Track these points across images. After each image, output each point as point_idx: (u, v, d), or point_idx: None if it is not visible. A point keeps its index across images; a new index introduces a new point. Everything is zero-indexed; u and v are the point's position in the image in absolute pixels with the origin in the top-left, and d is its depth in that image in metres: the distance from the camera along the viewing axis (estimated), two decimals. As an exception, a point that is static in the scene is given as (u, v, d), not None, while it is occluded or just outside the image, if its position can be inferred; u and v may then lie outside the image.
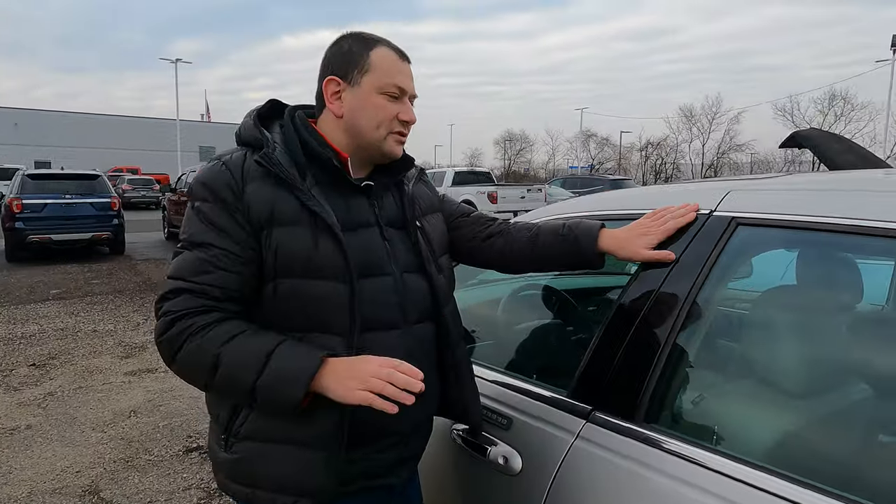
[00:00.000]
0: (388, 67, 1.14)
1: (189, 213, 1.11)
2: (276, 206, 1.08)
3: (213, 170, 1.11)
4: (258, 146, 1.12)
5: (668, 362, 1.10)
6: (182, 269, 1.07)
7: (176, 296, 1.06)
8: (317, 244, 1.07)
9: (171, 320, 1.05)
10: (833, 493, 0.85)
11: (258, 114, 1.18)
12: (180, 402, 4.07)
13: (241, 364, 1.02)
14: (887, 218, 0.93)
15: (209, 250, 1.07)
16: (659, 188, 1.55)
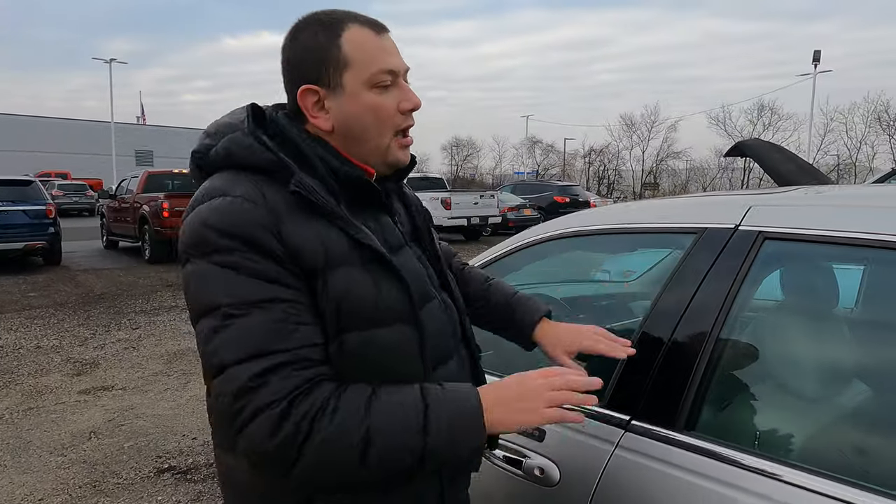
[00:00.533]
0: (368, 52, 0.92)
1: (208, 270, 0.83)
2: (328, 246, 0.87)
3: (230, 209, 0.84)
4: (270, 170, 0.89)
5: (707, 370, 1.15)
6: (250, 342, 0.80)
7: (264, 380, 0.79)
8: (377, 285, 0.90)
9: (280, 414, 0.78)
10: (874, 490, 0.92)
11: (255, 127, 0.93)
12: (144, 421, 3.89)
13: (399, 431, 0.81)
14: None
15: (274, 306, 0.82)
16: (670, 201, 1.61)
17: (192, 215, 0.88)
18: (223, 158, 0.92)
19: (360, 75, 0.92)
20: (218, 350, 0.81)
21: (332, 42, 0.91)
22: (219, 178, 0.91)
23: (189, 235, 0.86)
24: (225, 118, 0.99)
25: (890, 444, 1.05)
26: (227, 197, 0.86)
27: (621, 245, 1.73)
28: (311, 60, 0.92)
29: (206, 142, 0.96)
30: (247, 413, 0.79)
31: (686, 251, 1.29)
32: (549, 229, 1.68)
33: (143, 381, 4.68)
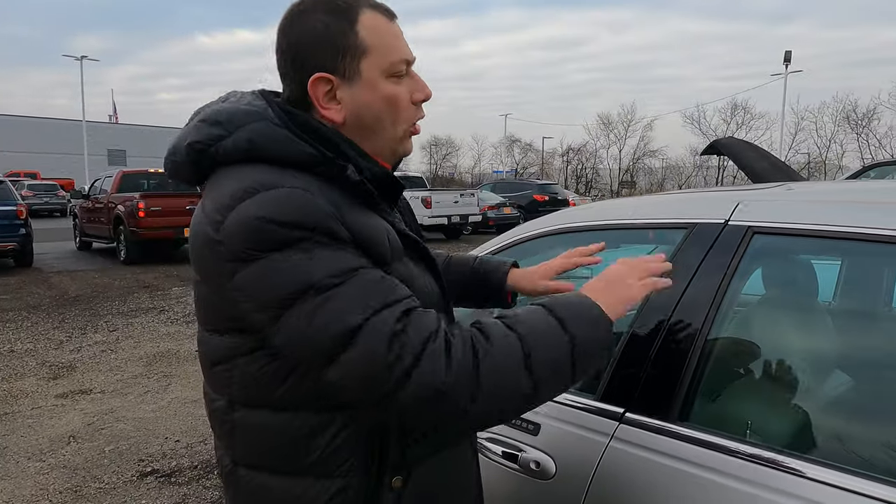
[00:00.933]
0: (385, 39, 0.88)
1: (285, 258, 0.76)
2: (390, 237, 0.85)
3: (292, 200, 0.78)
4: (308, 165, 0.83)
5: (699, 362, 1.17)
6: (371, 296, 0.76)
7: (408, 320, 0.76)
8: (423, 276, 0.91)
9: (444, 346, 0.75)
10: (859, 473, 0.95)
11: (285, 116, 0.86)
12: (125, 424, 3.82)
13: (544, 331, 0.81)
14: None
15: (368, 270, 0.79)
16: (658, 198, 1.64)
17: (236, 214, 0.78)
18: (245, 150, 0.83)
19: (378, 64, 0.87)
20: (336, 319, 0.74)
21: (347, 27, 0.85)
22: (251, 171, 0.82)
23: (247, 234, 0.77)
24: (228, 104, 0.89)
25: (874, 430, 1.08)
26: (278, 189, 0.78)
27: (611, 241, 1.75)
28: (323, 46, 0.85)
29: (213, 131, 0.85)
30: (408, 357, 0.74)
31: (677, 246, 1.32)
32: (539, 226, 1.69)
33: (123, 384, 4.60)
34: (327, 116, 0.88)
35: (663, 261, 0.99)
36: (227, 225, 0.78)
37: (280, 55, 0.89)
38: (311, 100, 0.88)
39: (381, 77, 0.88)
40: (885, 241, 1.07)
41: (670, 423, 1.16)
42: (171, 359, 5.24)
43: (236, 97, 0.92)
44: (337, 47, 0.85)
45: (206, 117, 0.87)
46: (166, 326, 6.40)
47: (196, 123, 0.88)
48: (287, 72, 0.89)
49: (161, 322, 6.60)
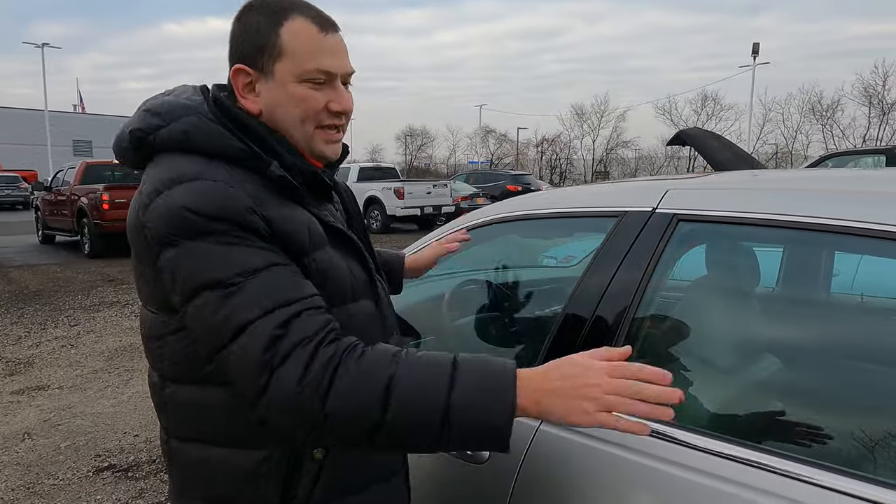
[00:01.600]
0: (306, 47, 0.92)
1: (200, 248, 0.82)
2: (311, 228, 0.91)
3: (215, 194, 0.83)
4: (236, 159, 0.89)
5: (626, 345, 1.20)
6: (267, 297, 0.80)
7: (290, 325, 0.79)
8: (348, 265, 0.96)
9: (310, 353, 0.78)
10: (765, 450, 0.99)
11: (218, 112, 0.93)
12: (82, 420, 3.76)
13: (423, 380, 0.78)
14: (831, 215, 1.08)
15: (278, 269, 0.84)
16: (597, 187, 1.66)
17: (163, 199, 0.84)
18: (179, 141, 0.90)
19: (291, 68, 0.92)
20: (234, 312, 0.80)
21: (272, 29, 0.92)
22: (183, 161, 0.88)
23: (169, 220, 0.83)
24: (170, 97, 0.96)
25: (795, 411, 1.13)
26: (204, 181, 0.85)
27: (551, 229, 1.78)
28: (250, 42, 0.93)
29: (153, 121, 0.92)
30: (278, 357, 0.78)
31: (608, 233, 1.34)
32: (482, 215, 1.71)
33: (82, 380, 4.52)
34: (245, 106, 0.96)
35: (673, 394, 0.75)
36: (151, 209, 0.85)
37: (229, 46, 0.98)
38: (233, 88, 0.96)
39: (292, 80, 0.93)
40: (806, 228, 1.10)
41: (597, 406, 1.19)
42: (134, 353, 5.15)
43: (180, 91, 0.99)
44: (259, 45, 0.93)
45: (150, 107, 0.95)
46: (130, 321, 6.29)
47: (141, 112, 0.95)
48: (228, 61, 0.97)
49: (125, 316, 6.49)
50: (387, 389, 0.77)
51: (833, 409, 1.12)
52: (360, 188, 14.79)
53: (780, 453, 0.97)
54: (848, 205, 1.08)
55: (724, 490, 0.98)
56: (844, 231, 1.04)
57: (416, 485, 1.48)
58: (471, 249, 1.81)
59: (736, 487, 0.96)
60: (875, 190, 1.23)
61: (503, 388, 0.77)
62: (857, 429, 1.02)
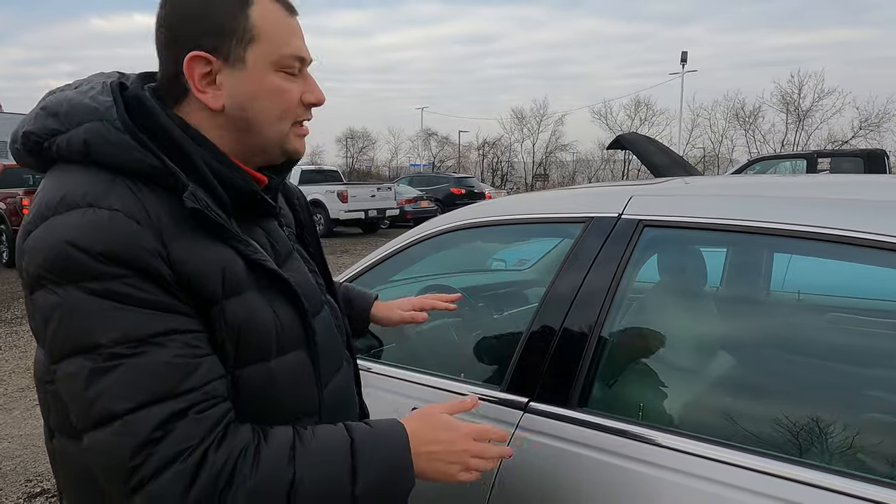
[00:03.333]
0: (279, 30, 0.81)
1: (83, 301, 0.68)
2: (226, 270, 0.76)
3: (110, 228, 0.69)
4: (148, 175, 0.75)
5: (597, 350, 1.23)
6: (147, 384, 0.68)
7: (170, 427, 0.68)
8: (275, 311, 0.81)
9: (195, 466, 0.68)
10: (726, 444, 1.04)
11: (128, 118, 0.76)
12: (9, 443, 3.50)
13: (327, 477, 0.75)
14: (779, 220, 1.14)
15: (171, 340, 0.70)
16: (563, 192, 1.69)
17: (44, 229, 0.71)
18: (79, 152, 0.75)
19: (267, 54, 0.80)
20: (103, 396, 0.67)
21: (238, 9, 0.78)
22: (79, 177, 0.74)
23: (48, 256, 0.70)
24: (73, 93, 0.79)
25: (752, 406, 1.18)
26: (98, 209, 0.70)
27: (515, 235, 1.80)
28: (207, 24, 0.77)
29: (49, 124, 0.77)
30: (149, 468, 0.67)
31: (576, 239, 1.37)
32: (446, 221, 1.71)
33: (7, 399, 4.20)
34: (203, 100, 0.80)
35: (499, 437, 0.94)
36: (31, 238, 0.72)
37: (157, 27, 0.80)
38: (187, 80, 0.79)
39: (268, 68, 0.81)
40: (763, 233, 1.16)
41: (570, 409, 1.21)
42: (64, 368, 4.84)
43: (90, 84, 0.81)
44: (222, 27, 0.78)
45: (47, 105, 0.79)
46: (58, 333, 5.90)
47: (37, 110, 0.79)
48: (162, 47, 0.80)
49: (51, 329, 6.08)
50: (287, 494, 0.72)
51: (773, 396, 1.18)
52: (303, 191, 14.46)
53: (754, 451, 1.01)
54: (825, 210, 1.14)
55: (695, 487, 1.01)
56: (806, 236, 1.10)
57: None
58: (435, 256, 1.80)
59: (712, 485, 1.00)
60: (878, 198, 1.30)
61: (402, 465, 0.80)
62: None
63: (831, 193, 1.31)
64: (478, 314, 1.83)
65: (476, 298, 1.91)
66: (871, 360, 1.25)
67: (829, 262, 1.26)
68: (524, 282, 2.27)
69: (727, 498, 0.98)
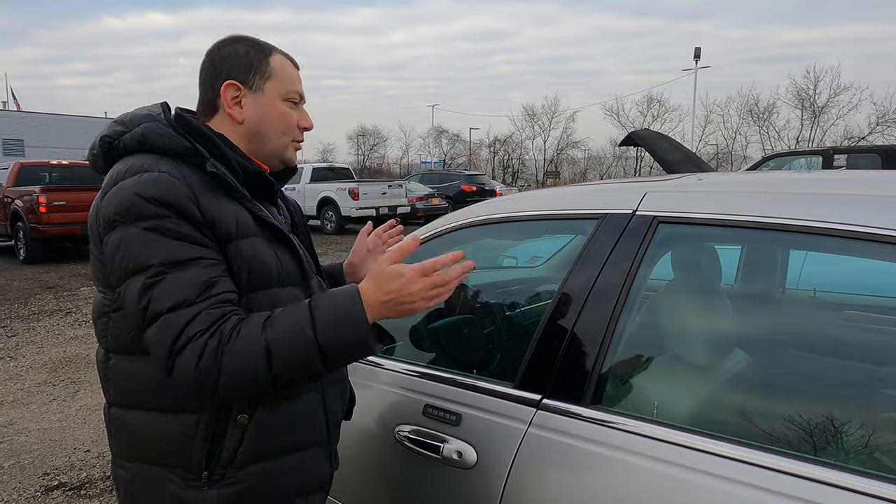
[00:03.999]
0: (287, 74, 1.17)
1: (140, 234, 0.98)
2: (238, 218, 1.06)
3: (159, 182, 1.01)
4: (184, 155, 1.07)
5: (610, 347, 1.22)
6: (180, 292, 0.97)
7: (193, 320, 0.96)
8: (277, 255, 1.10)
9: (203, 342, 0.95)
10: (741, 442, 1.03)
11: (174, 120, 1.12)
12: (27, 437, 3.55)
13: (292, 334, 0.98)
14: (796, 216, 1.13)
15: (199, 263, 1.00)
16: (576, 189, 1.68)
17: (116, 188, 1.01)
18: (137, 143, 1.06)
19: (279, 88, 1.15)
20: (151, 302, 0.96)
21: (262, 57, 1.15)
22: (138, 158, 1.05)
23: (117, 204, 0.99)
24: (138, 110, 1.13)
25: (770, 404, 1.17)
26: (152, 172, 1.01)
27: (528, 232, 1.79)
28: (240, 65, 1.13)
29: (117, 128, 1.09)
30: (178, 345, 0.95)
31: (589, 236, 1.36)
32: (457, 218, 1.70)
33: (24, 394, 4.26)
34: (231, 114, 1.14)
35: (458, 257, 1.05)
36: (107, 196, 1.02)
37: (204, 69, 1.16)
38: (221, 100, 1.14)
39: (278, 98, 1.16)
40: (779, 230, 1.15)
41: (583, 407, 1.20)
42: (80, 363, 4.90)
43: (147, 107, 1.16)
44: (251, 66, 1.14)
45: (118, 119, 1.13)
46: (73, 329, 5.98)
47: (111, 123, 1.13)
48: (206, 79, 1.15)
49: (67, 325, 6.16)
50: (267, 352, 0.97)
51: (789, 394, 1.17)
52: (315, 189, 14.54)
53: (769, 449, 1.00)
54: (837, 208, 1.13)
55: (713, 486, 1.01)
56: (823, 233, 1.09)
57: (401, 490, 1.47)
58: (450, 251, 1.80)
59: (726, 483, 0.99)
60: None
61: (355, 313, 1.00)
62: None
63: (847, 189, 1.30)
64: (490, 311, 1.82)
65: (489, 295, 1.90)
66: (890, 359, 1.23)
67: (847, 259, 1.25)
68: (537, 279, 2.26)
69: (742, 496, 0.97)
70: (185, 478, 1.05)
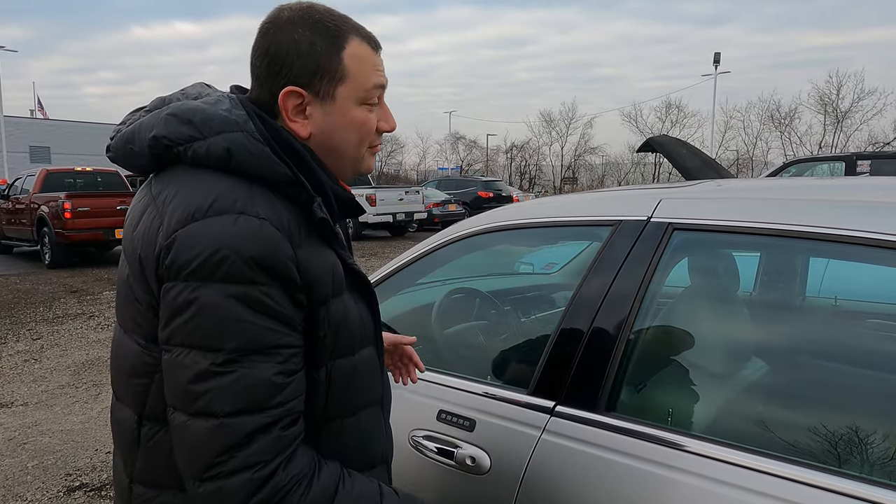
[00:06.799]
0: (366, 69, 0.90)
1: (222, 304, 0.75)
2: (335, 273, 0.86)
3: (262, 237, 0.77)
4: (281, 186, 0.83)
5: (625, 354, 1.22)
6: (248, 396, 0.76)
7: (254, 438, 0.76)
8: (359, 311, 0.91)
9: (265, 477, 0.76)
10: (758, 451, 1.02)
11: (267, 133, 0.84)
12: (50, 438, 3.62)
13: None
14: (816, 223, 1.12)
15: (280, 354, 0.79)
16: (590, 195, 1.68)
17: (198, 226, 0.77)
18: (221, 158, 0.82)
19: (355, 91, 0.90)
20: (210, 394, 0.76)
21: (333, 52, 0.87)
22: (220, 184, 0.81)
23: (203, 254, 0.76)
24: (201, 104, 0.86)
25: (786, 413, 1.16)
26: (248, 217, 0.78)
27: (543, 238, 1.79)
28: (304, 63, 0.86)
29: (184, 130, 0.83)
30: (228, 468, 0.76)
31: (604, 242, 1.36)
32: (473, 224, 1.71)
33: (48, 395, 4.35)
34: (293, 129, 0.89)
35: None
36: (182, 236, 0.77)
37: (257, 57, 0.89)
38: (280, 109, 0.88)
39: (354, 104, 0.90)
40: (799, 237, 1.14)
41: (598, 414, 1.20)
42: (102, 366, 4.99)
43: (208, 95, 0.89)
44: (318, 67, 0.87)
45: (178, 112, 0.85)
46: (96, 333, 6.09)
47: (166, 116, 0.85)
48: (260, 75, 0.89)
49: (90, 328, 6.28)
50: None
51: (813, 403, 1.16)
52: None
53: (786, 459, 0.99)
54: (858, 215, 1.11)
55: (728, 496, 0.99)
56: (845, 240, 1.07)
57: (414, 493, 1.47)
58: (462, 259, 1.81)
59: (742, 493, 0.98)
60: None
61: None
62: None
63: (868, 196, 1.28)
64: (505, 317, 1.83)
65: (504, 301, 1.90)
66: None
67: (870, 267, 1.23)
68: (552, 285, 2.25)
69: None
70: None
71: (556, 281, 2.28)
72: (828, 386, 1.22)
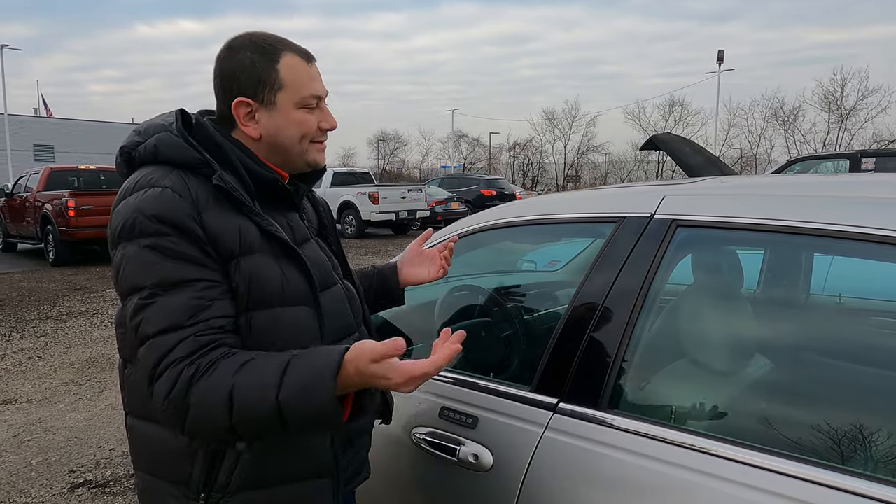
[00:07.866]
0: (300, 79, 1.09)
1: (139, 253, 0.95)
2: (242, 235, 1.02)
3: (161, 198, 0.98)
4: (194, 167, 1.03)
5: (627, 351, 1.21)
6: (168, 318, 0.93)
7: (175, 346, 0.93)
8: (283, 271, 1.05)
9: (178, 371, 0.92)
10: (762, 449, 1.01)
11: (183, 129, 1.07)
12: (54, 435, 3.63)
13: (257, 386, 0.91)
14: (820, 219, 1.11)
15: (194, 286, 0.96)
16: (593, 192, 1.68)
17: (122, 204, 1.00)
18: (151, 154, 1.05)
19: (291, 97, 1.08)
20: (143, 324, 0.95)
21: (269, 66, 1.07)
22: (147, 170, 1.04)
23: (121, 222, 0.98)
24: (156, 119, 1.11)
25: (790, 411, 1.15)
26: (156, 188, 0.99)
27: (546, 235, 1.79)
28: (248, 78, 1.07)
29: (134, 139, 1.08)
30: (159, 370, 0.93)
31: (607, 239, 1.35)
32: (476, 221, 1.71)
33: (52, 392, 4.36)
34: (247, 132, 1.10)
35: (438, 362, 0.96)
36: (115, 212, 1.01)
37: (214, 78, 1.10)
38: (235, 117, 1.09)
39: (292, 107, 1.09)
40: (803, 233, 1.13)
41: (600, 411, 1.20)
42: (106, 364, 5.01)
43: (165, 115, 1.13)
44: (259, 80, 1.07)
45: (137, 129, 1.12)
46: (100, 330, 6.11)
47: (131, 133, 1.12)
48: (218, 92, 1.11)
49: (94, 326, 6.30)
50: (229, 399, 0.91)
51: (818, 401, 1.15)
52: (335, 193, 14.65)
53: (790, 456, 0.98)
54: (863, 211, 1.10)
55: (731, 493, 0.99)
56: (850, 237, 1.06)
57: (416, 492, 1.47)
58: (463, 256, 1.81)
59: (745, 490, 0.98)
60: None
61: (322, 382, 0.91)
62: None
63: (873, 192, 1.27)
64: (508, 314, 1.82)
65: (507, 298, 1.90)
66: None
67: (874, 263, 1.22)
68: (555, 283, 2.25)
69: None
70: (187, 496, 1.03)
71: (559, 278, 2.28)
72: (832, 383, 1.22)
